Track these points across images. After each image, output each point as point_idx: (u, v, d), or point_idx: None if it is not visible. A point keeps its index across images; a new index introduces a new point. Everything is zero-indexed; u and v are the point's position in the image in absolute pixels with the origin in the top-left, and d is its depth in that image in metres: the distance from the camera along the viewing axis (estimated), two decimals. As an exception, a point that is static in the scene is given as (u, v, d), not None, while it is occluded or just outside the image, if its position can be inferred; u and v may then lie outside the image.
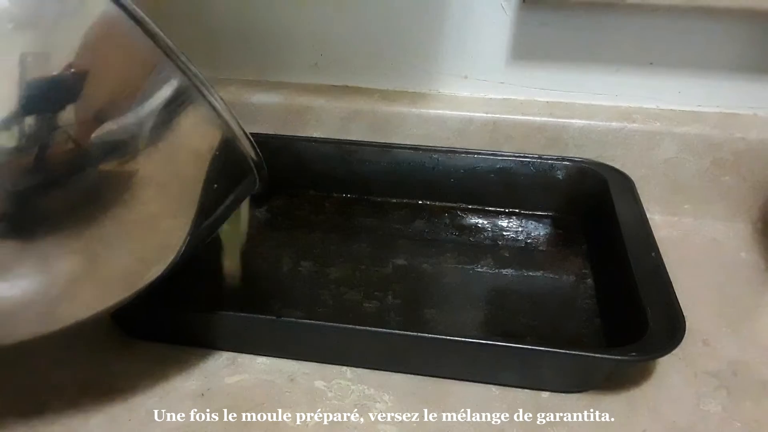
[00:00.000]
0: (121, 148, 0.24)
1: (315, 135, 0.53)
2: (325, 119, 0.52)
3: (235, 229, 0.39)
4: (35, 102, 0.23)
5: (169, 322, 0.37)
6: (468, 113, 0.50)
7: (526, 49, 0.50)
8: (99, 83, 0.24)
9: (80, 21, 0.23)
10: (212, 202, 0.29)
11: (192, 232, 0.29)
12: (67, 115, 0.23)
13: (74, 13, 0.23)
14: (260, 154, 0.30)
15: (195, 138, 0.27)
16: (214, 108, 0.27)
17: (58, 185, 0.24)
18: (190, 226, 0.29)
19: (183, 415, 0.33)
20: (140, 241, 0.28)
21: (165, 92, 0.25)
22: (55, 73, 0.23)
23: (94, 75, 0.24)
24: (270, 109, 0.53)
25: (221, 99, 0.27)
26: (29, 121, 0.22)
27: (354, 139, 0.52)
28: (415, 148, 0.51)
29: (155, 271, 0.29)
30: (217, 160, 0.28)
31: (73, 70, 0.23)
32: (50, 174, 0.23)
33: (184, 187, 0.28)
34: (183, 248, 0.29)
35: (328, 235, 0.47)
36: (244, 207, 0.38)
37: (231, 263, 0.41)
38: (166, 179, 0.27)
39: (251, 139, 0.29)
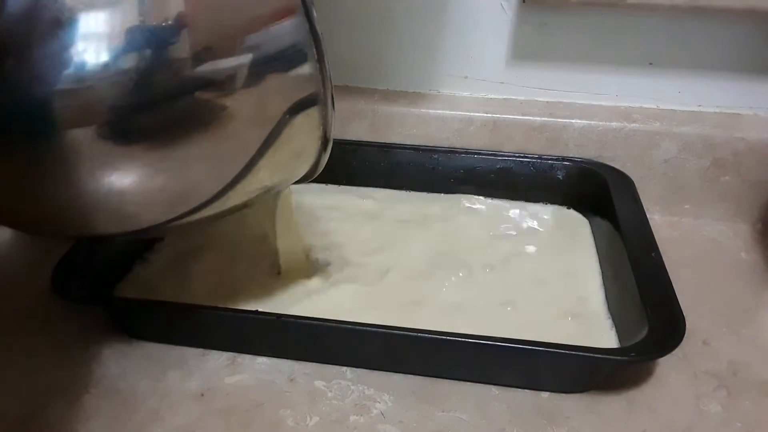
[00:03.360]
0: (223, 82, 0.27)
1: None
2: (325, 119, 0.52)
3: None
4: (152, 31, 0.25)
5: (169, 322, 0.37)
6: (468, 113, 0.50)
7: (526, 49, 0.50)
8: (230, 19, 0.27)
9: None
10: (264, 161, 0.30)
11: (235, 181, 0.30)
12: (182, 46, 0.25)
13: None
14: (331, 142, 0.32)
15: (287, 90, 0.29)
16: (322, 70, 0.29)
17: (154, 106, 0.26)
18: (236, 174, 0.30)
19: (183, 415, 0.33)
20: (198, 169, 0.29)
21: (286, 41, 0.28)
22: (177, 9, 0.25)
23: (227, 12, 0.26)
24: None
25: (328, 65, 0.29)
26: (145, 49, 0.25)
27: (354, 139, 0.52)
28: (415, 148, 0.51)
29: (190, 202, 0.30)
30: (294, 123, 0.30)
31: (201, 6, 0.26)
32: (149, 95, 0.26)
33: (252, 135, 0.29)
34: (218, 194, 0.30)
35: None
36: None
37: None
38: (247, 120, 0.28)
39: (331, 132, 0.31)
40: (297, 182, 0.35)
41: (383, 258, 0.44)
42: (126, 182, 0.27)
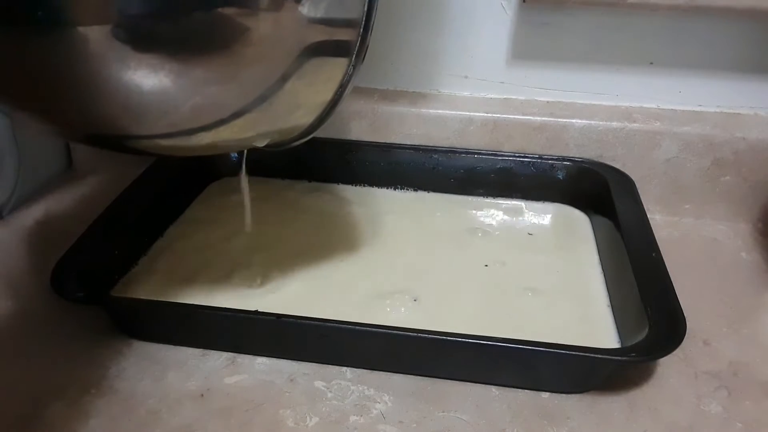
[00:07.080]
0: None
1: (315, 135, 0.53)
2: (326, 119, 0.52)
3: None
4: None
5: (169, 322, 0.37)
6: (468, 113, 0.50)
7: (527, 48, 0.50)
8: None
9: None
10: (269, 101, 0.29)
11: (237, 113, 0.29)
12: None
13: None
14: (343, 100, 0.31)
15: (320, 28, 0.28)
16: (367, 20, 0.28)
17: (170, 15, 0.25)
18: (244, 104, 0.29)
19: (183, 415, 0.33)
20: (215, 89, 0.28)
21: None
22: None
23: None
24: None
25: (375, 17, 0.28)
26: None
27: (354, 139, 0.52)
28: (415, 148, 0.51)
29: (193, 121, 0.29)
30: (314, 66, 0.28)
31: None
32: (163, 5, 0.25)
33: (267, 67, 0.28)
34: (222, 122, 0.29)
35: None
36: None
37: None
38: (268, 49, 0.27)
39: (349, 90, 0.30)
40: (289, 142, 0.34)
41: (380, 257, 0.44)
42: (131, 83, 0.26)
